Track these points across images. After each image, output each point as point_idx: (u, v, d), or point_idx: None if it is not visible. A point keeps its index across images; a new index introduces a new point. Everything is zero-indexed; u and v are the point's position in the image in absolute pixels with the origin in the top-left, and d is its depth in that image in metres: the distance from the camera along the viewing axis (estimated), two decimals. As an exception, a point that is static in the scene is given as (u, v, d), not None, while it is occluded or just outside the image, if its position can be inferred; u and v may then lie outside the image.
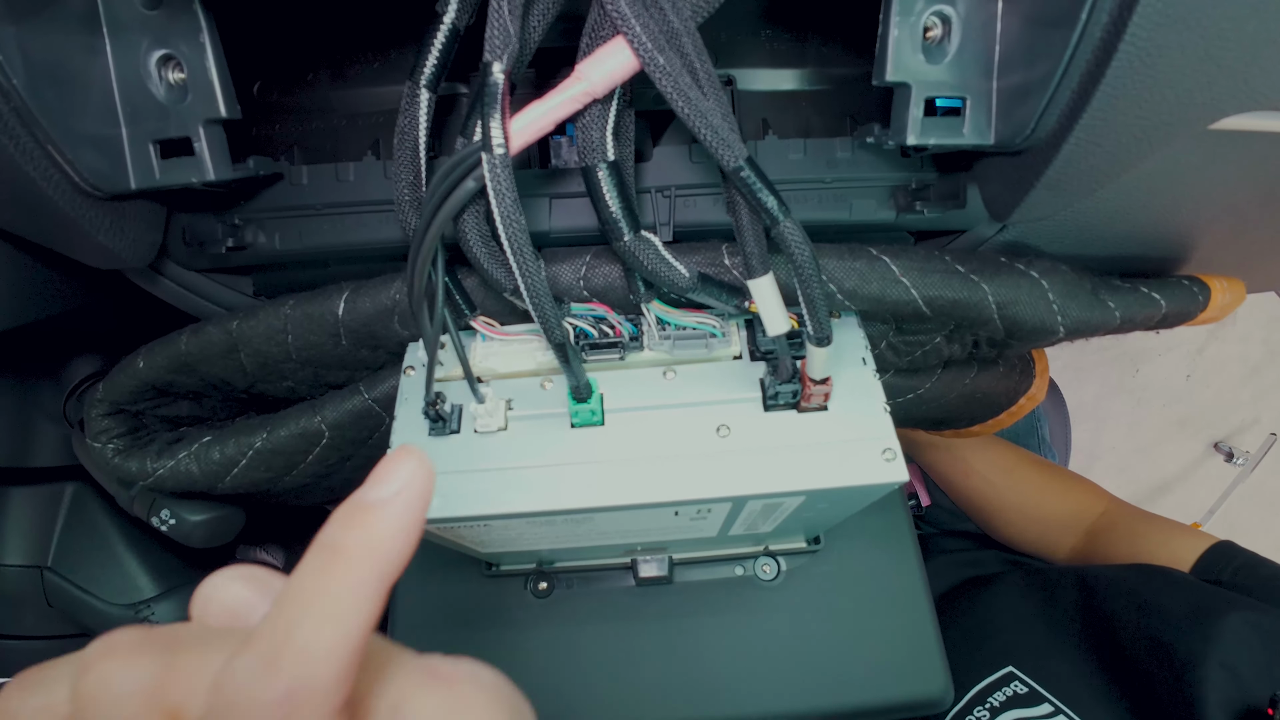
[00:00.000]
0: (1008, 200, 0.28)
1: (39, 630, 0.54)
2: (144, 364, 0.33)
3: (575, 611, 0.42)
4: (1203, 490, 1.67)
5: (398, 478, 0.15)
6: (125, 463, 0.36)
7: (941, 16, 0.25)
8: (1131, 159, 0.25)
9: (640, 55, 0.20)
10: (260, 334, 0.31)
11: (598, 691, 0.41)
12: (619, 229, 0.24)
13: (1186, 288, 0.32)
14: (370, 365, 0.35)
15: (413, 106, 0.25)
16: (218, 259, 0.32)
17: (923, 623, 0.42)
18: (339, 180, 0.30)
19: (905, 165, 0.31)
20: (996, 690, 0.48)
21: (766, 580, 0.43)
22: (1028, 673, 0.48)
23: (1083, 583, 0.53)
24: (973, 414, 0.46)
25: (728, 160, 0.21)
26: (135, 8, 0.25)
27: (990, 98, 0.26)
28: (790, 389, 0.29)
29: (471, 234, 0.25)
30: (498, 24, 0.20)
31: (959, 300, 0.29)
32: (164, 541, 0.53)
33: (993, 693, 0.48)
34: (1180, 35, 0.21)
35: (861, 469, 0.28)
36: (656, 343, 0.30)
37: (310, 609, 0.14)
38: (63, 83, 0.24)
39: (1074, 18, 0.21)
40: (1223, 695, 0.39)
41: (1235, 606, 0.43)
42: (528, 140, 0.22)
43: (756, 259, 0.24)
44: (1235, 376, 1.65)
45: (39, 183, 0.24)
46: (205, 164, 0.26)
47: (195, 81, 0.25)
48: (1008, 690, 0.48)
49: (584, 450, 0.29)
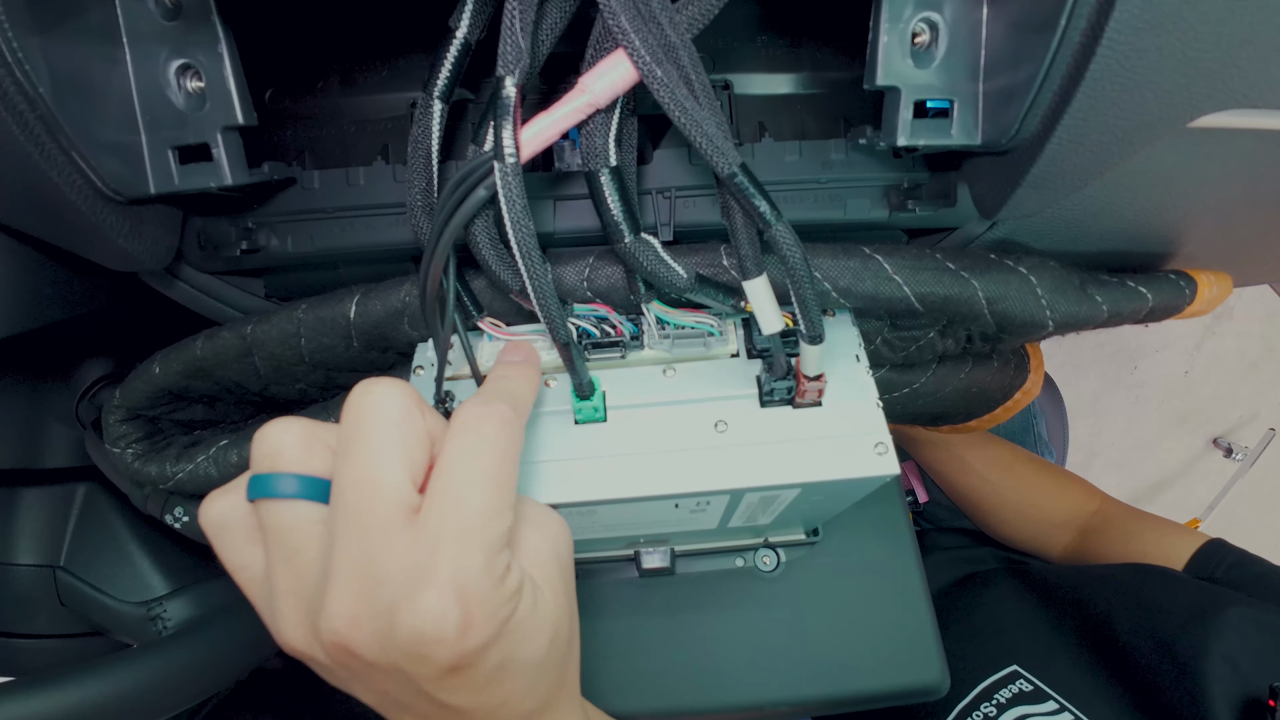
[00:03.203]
0: (995, 198, 0.29)
1: (52, 629, 0.54)
2: (160, 369, 0.34)
3: (579, 602, 0.43)
4: (1202, 486, 1.68)
5: (523, 349, 0.29)
6: (145, 467, 0.37)
7: (929, 23, 0.26)
8: (1114, 157, 0.26)
9: (639, 67, 0.21)
10: (274, 337, 0.32)
11: (601, 680, 0.42)
12: (620, 231, 0.25)
13: (1173, 282, 0.33)
14: (380, 366, 0.36)
15: (426, 117, 0.26)
16: (232, 261, 0.32)
17: (919, 612, 0.43)
18: (349, 185, 0.31)
19: (897, 165, 0.32)
20: (1002, 687, 0.49)
21: (766, 571, 0.44)
22: (1031, 671, 0.49)
23: (1081, 583, 0.54)
24: (969, 409, 0.47)
25: (722, 167, 0.22)
26: (154, 19, 0.26)
27: (977, 100, 0.27)
28: (785, 385, 0.30)
29: (481, 238, 0.26)
30: (510, 40, 0.21)
31: (950, 297, 0.30)
32: (176, 540, 0.54)
33: (998, 690, 0.49)
34: (1157, 38, 0.21)
35: (854, 462, 0.29)
36: (656, 342, 0.31)
37: (509, 382, 0.26)
38: (85, 91, 0.25)
39: (1054, 23, 0.22)
40: (1225, 689, 0.40)
41: (1233, 603, 0.44)
42: (536, 149, 0.23)
43: (750, 261, 0.25)
44: (1234, 372, 1.66)
45: (62, 187, 0.25)
46: (223, 169, 0.27)
47: (213, 90, 0.26)
48: (1013, 688, 0.48)
49: (587, 446, 0.30)
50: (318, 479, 0.21)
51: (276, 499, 0.21)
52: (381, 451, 0.20)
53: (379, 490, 0.20)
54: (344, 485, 0.20)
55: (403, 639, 0.20)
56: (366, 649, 0.20)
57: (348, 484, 0.20)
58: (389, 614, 0.20)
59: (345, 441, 0.21)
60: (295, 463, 0.21)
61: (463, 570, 0.20)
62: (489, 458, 0.21)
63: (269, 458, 0.21)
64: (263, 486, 0.21)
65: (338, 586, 0.20)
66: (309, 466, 0.22)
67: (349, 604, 0.20)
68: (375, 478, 0.20)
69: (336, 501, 0.20)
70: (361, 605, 0.20)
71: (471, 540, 0.20)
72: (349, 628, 0.20)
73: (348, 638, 0.20)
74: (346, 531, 0.20)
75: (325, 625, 0.20)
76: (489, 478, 0.21)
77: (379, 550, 0.20)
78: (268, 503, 0.21)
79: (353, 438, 0.21)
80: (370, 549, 0.20)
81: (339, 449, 0.21)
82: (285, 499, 0.21)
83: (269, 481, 0.21)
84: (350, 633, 0.20)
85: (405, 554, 0.20)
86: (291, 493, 0.21)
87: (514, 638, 0.22)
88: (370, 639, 0.20)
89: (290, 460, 0.21)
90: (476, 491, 0.21)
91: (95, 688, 0.37)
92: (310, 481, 0.21)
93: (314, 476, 0.21)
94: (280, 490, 0.21)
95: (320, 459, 0.22)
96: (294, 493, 0.21)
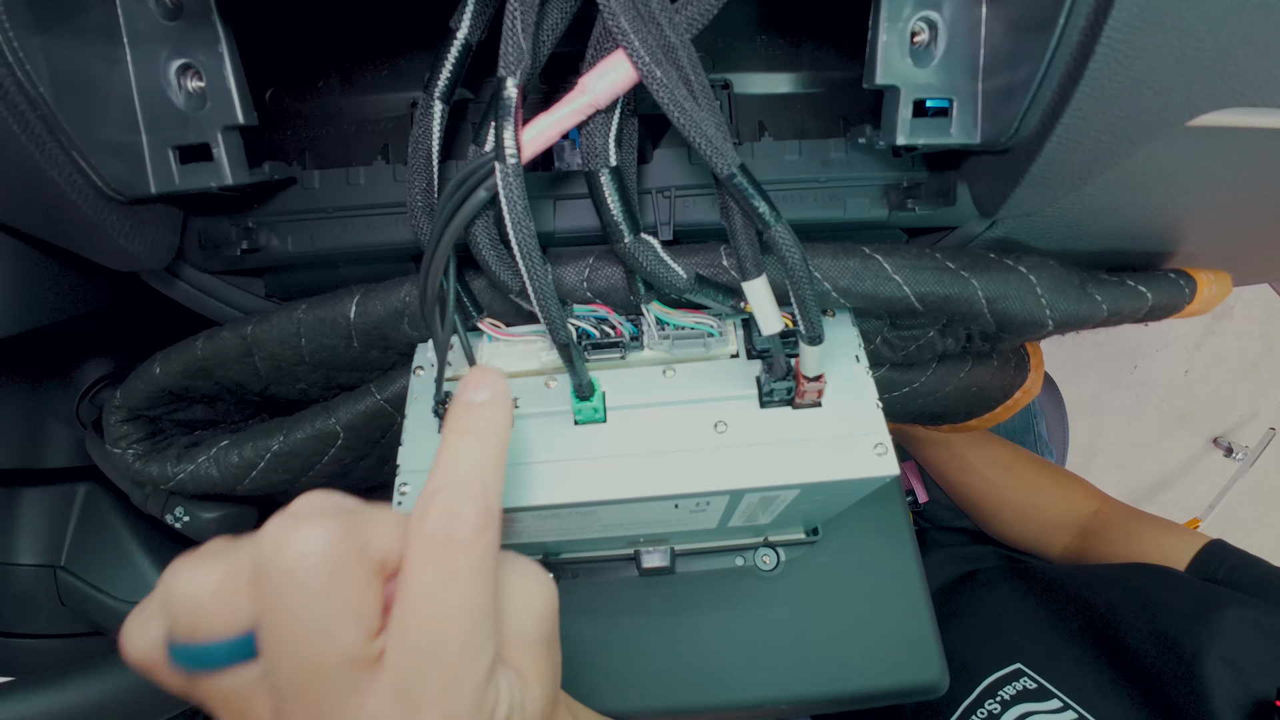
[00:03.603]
0: (995, 197, 0.29)
1: (52, 629, 0.54)
2: (160, 370, 0.34)
3: (580, 601, 0.43)
4: (1202, 486, 1.68)
5: (487, 383, 0.22)
6: (146, 468, 0.37)
7: (928, 22, 0.26)
8: (1113, 156, 0.26)
9: (639, 68, 0.21)
10: (274, 338, 0.32)
11: (601, 680, 0.42)
12: (620, 232, 0.25)
13: (1173, 281, 0.33)
14: (380, 366, 0.36)
15: (427, 117, 0.26)
16: (232, 261, 0.33)
17: (919, 611, 0.43)
18: (349, 184, 0.31)
19: (897, 165, 0.32)
20: (1006, 684, 0.49)
21: (766, 570, 0.44)
22: (1035, 669, 0.49)
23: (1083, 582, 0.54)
24: (969, 408, 0.47)
25: (721, 168, 0.22)
26: (155, 19, 0.26)
27: (976, 99, 0.27)
28: (785, 386, 0.30)
29: (482, 239, 0.26)
30: (511, 41, 0.21)
31: (950, 296, 0.30)
32: (177, 539, 0.54)
33: (1002, 686, 0.49)
34: (1155, 37, 0.21)
35: (854, 463, 0.29)
36: (656, 342, 0.31)
37: (471, 461, 0.20)
38: (86, 91, 0.25)
39: (1053, 22, 0.22)
40: (1227, 690, 0.40)
41: (1234, 603, 0.44)
42: (536, 150, 0.23)
43: (750, 261, 0.25)
44: (1234, 371, 1.66)
45: (63, 187, 0.25)
46: (223, 169, 0.27)
47: (214, 90, 0.26)
48: (1017, 685, 0.49)
49: (587, 446, 0.30)
50: (249, 636, 0.18)
51: (208, 671, 0.18)
52: (318, 633, 0.17)
53: (326, 670, 0.17)
54: (280, 667, 0.17)
55: None
56: None
57: (284, 667, 0.17)
58: None
59: (271, 622, 0.17)
60: (219, 621, 0.18)
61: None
62: (464, 585, 0.18)
63: (189, 618, 0.18)
64: (189, 659, 0.18)
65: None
66: (236, 618, 0.18)
67: None
68: (318, 659, 0.17)
69: (277, 686, 0.17)
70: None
71: (457, 693, 0.18)
72: None
73: None
74: (299, 709, 0.17)
75: None
76: (468, 611, 0.18)
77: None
78: (201, 675, 0.18)
79: (279, 621, 0.17)
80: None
81: (263, 622, 0.17)
82: (217, 670, 0.18)
83: (195, 655, 0.18)
84: None
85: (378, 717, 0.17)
86: (223, 664, 0.18)
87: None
88: None
89: (214, 621, 0.18)
90: (455, 634, 0.18)
91: (95, 688, 0.37)
92: (242, 643, 0.18)
93: (244, 635, 0.18)
94: (210, 662, 0.18)
95: (247, 603, 0.18)
96: (225, 663, 0.18)
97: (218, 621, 0.18)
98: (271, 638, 0.17)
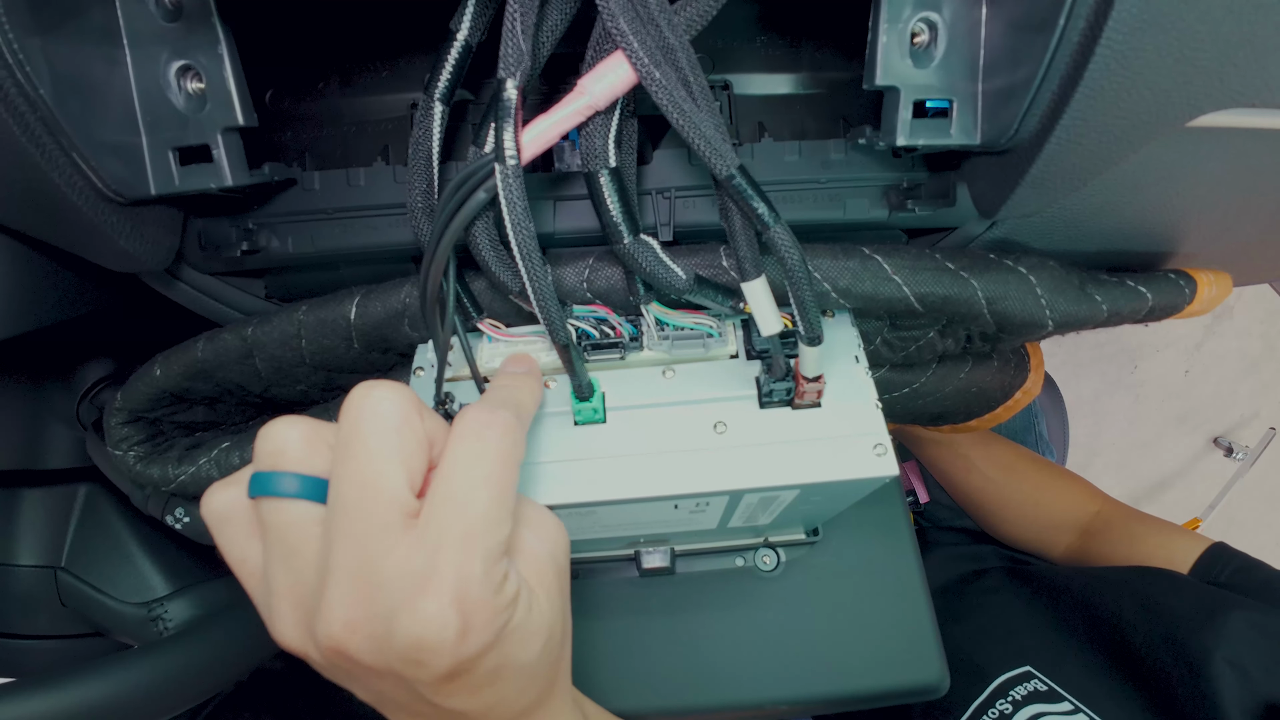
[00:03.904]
0: (994, 198, 0.29)
1: (53, 630, 0.54)
2: (161, 372, 0.34)
3: (580, 602, 0.43)
4: (1202, 486, 1.68)
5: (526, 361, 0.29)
6: (147, 469, 0.37)
7: (928, 23, 0.26)
8: (1112, 157, 0.26)
9: (638, 70, 0.21)
10: (275, 339, 0.32)
11: (601, 680, 0.42)
12: (619, 233, 0.25)
13: (1173, 281, 0.33)
14: (381, 367, 0.36)
15: (427, 119, 0.26)
16: (232, 262, 0.33)
17: (919, 611, 0.43)
18: (349, 185, 0.31)
19: (897, 165, 0.32)
20: (1018, 685, 0.49)
21: (766, 571, 0.44)
22: (1044, 672, 0.49)
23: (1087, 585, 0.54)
24: (969, 408, 0.47)
25: (720, 169, 0.22)
26: (155, 20, 0.26)
27: (976, 100, 0.27)
28: (784, 386, 0.30)
29: (482, 240, 0.26)
30: (511, 43, 0.21)
31: (950, 296, 0.30)
32: (177, 540, 0.54)
33: (1014, 686, 0.49)
34: (1155, 38, 0.22)
35: (853, 463, 0.29)
36: (656, 343, 0.31)
37: (513, 390, 0.26)
38: (86, 92, 0.25)
39: (1053, 22, 0.22)
40: (1234, 693, 0.40)
41: (1238, 607, 0.44)
42: (536, 152, 0.23)
43: (749, 262, 0.25)
44: (1234, 371, 1.66)
45: (63, 188, 0.25)
46: (223, 170, 0.27)
47: (213, 91, 0.26)
48: (1028, 686, 0.49)
49: (587, 447, 0.30)
50: (319, 479, 0.21)
51: (276, 497, 0.21)
52: (380, 456, 0.20)
53: (378, 494, 0.20)
54: (342, 488, 0.20)
55: (400, 645, 0.20)
56: (362, 653, 0.20)
57: (345, 487, 0.20)
58: (387, 620, 0.20)
59: (343, 444, 0.21)
60: (297, 462, 0.22)
61: (463, 578, 0.20)
62: (492, 464, 0.21)
63: (272, 455, 0.22)
64: (263, 484, 0.21)
65: (335, 590, 0.20)
66: (311, 466, 0.22)
67: (346, 608, 0.20)
68: (374, 482, 0.20)
69: (334, 504, 0.21)
70: (358, 610, 0.20)
71: (472, 547, 0.20)
72: (345, 632, 0.20)
73: (343, 642, 0.20)
74: (344, 534, 0.20)
75: (321, 629, 0.20)
76: (492, 484, 0.21)
77: (377, 555, 0.20)
78: (267, 500, 0.21)
79: (351, 441, 0.21)
80: (368, 553, 0.20)
81: (336, 451, 0.21)
82: (285, 498, 0.21)
83: (270, 480, 0.21)
84: (346, 637, 0.20)
85: (404, 559, 0.20)
86: (292, 492, 0.21)
87: (510, 643, 0.22)
88: (366, 643, 0.20)
89: (293, 459, 0.21)
90: (479, 497, 0.21)
91: (95, 688, 0.37)
92: (311, 481, 0.21)
93: (315, 477, 0.21)
94: (281, 489, 0.21)
95: (323, 459, 0.22)
96: (294, 492, 0.21)
97: (299, 460, 0.21)
98: (340, 472, 0.21)
